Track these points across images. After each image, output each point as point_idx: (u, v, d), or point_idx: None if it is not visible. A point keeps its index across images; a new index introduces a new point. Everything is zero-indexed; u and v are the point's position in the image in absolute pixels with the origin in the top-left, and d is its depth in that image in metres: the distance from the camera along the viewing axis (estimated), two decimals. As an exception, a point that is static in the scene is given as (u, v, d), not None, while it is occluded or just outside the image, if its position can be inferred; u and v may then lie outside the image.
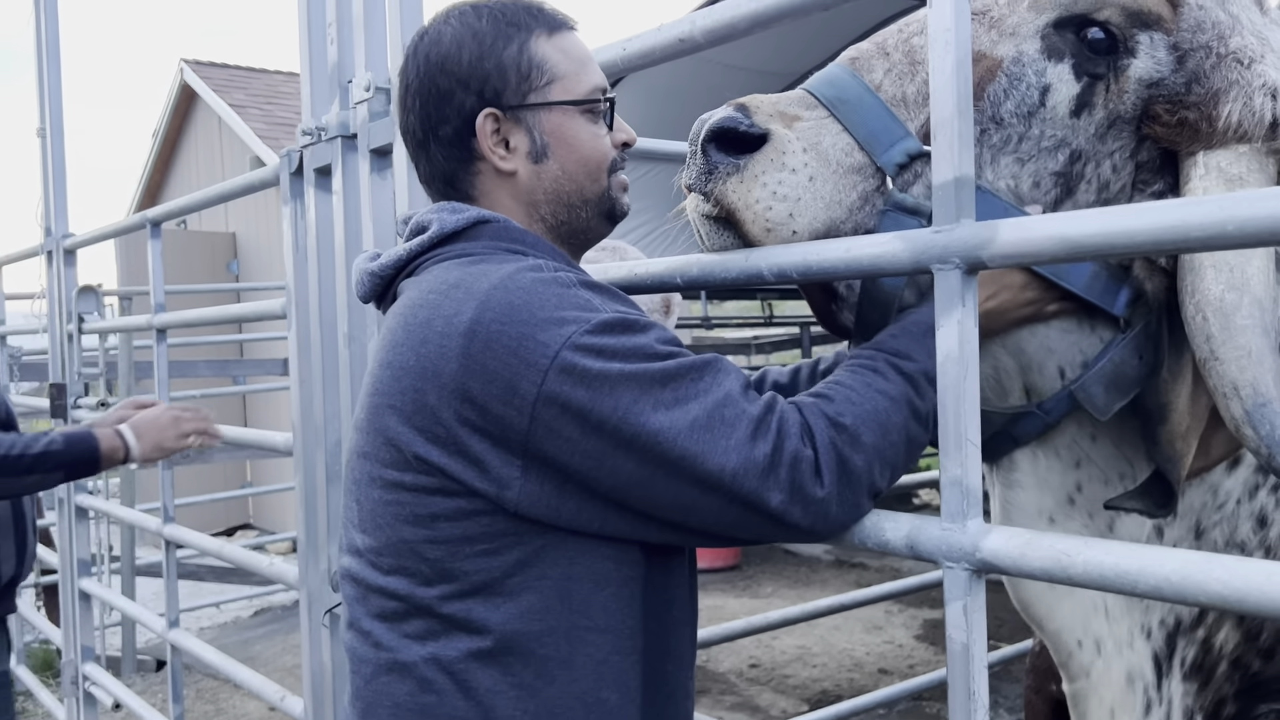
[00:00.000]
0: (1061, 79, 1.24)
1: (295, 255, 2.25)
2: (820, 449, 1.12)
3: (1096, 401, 1.26)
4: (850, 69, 1.26)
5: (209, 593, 6.95)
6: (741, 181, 1.21)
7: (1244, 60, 1.20)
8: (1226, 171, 1.17)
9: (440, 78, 1.26)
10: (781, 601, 6.54)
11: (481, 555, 1.14)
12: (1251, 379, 1.08)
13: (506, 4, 1.29)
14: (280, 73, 11.68)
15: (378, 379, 1.21)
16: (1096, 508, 1.34)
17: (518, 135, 1.27)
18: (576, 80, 1.28)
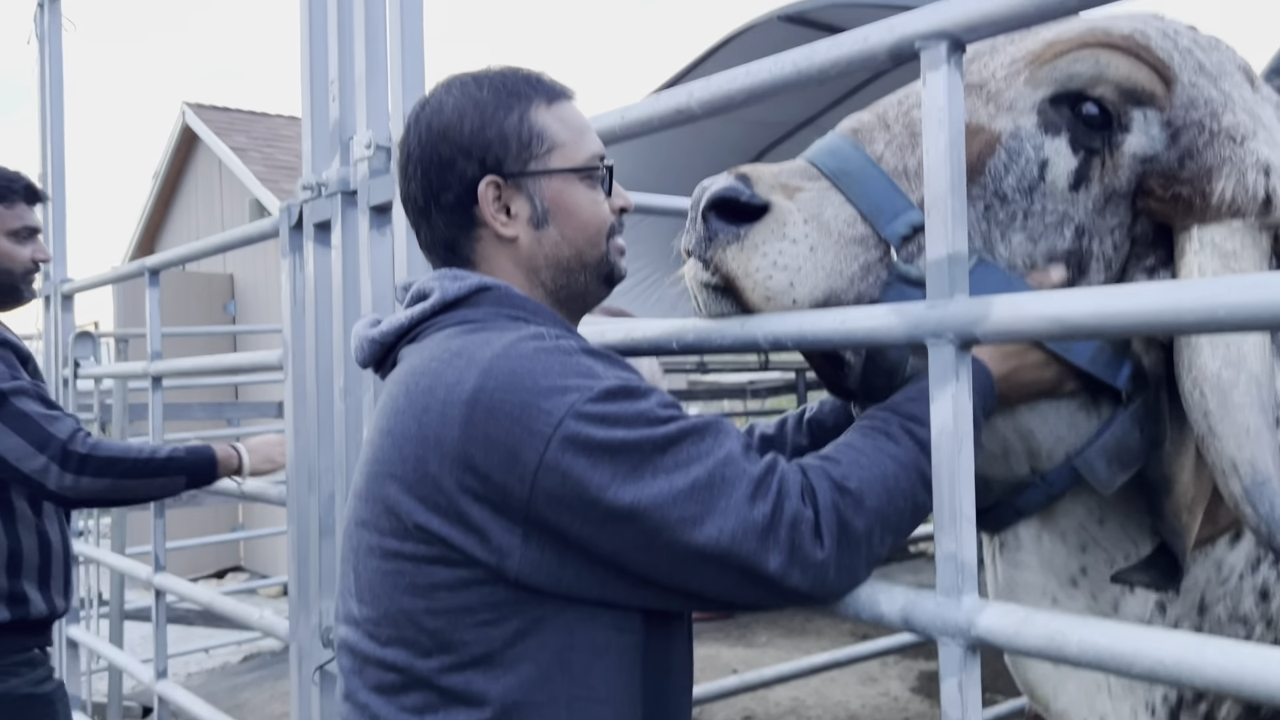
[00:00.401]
0: (1059, 153, 1.25)
1: (293, 308, 2.26)
2: (822, 510, 1.12)
3: (1099, 475, 1.26)
4: (852, 140, 1.28)
5: (198, 637, 6.87)
6: (741, 250, 1.21)
7: (1236, 137, 1.21)
8: (1221, 247, 1.18)
9: (442, 146, 1.28)
10: (776, 651, 6.49)
11: (482, 625, 1.14)
12: (1250, 457, 1.09)
13: (506, 74, 1.32)
14: (281, 116, 11.78)
15: (378, 447, 1.21)
16: (1100, 588, 1.33)
17: (519, 202, 1.28)
18: (576, 148, 1.30)
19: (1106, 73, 1.23)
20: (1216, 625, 1.36)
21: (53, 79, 3.95)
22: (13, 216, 2.46)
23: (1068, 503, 1.33)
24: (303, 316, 2.24)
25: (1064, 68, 1.25)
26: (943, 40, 1.07)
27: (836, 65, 1.18)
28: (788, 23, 6.04)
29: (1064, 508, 1.34)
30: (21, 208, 2.48)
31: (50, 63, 3.97)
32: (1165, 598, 1.33)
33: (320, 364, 2.18)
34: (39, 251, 2.50)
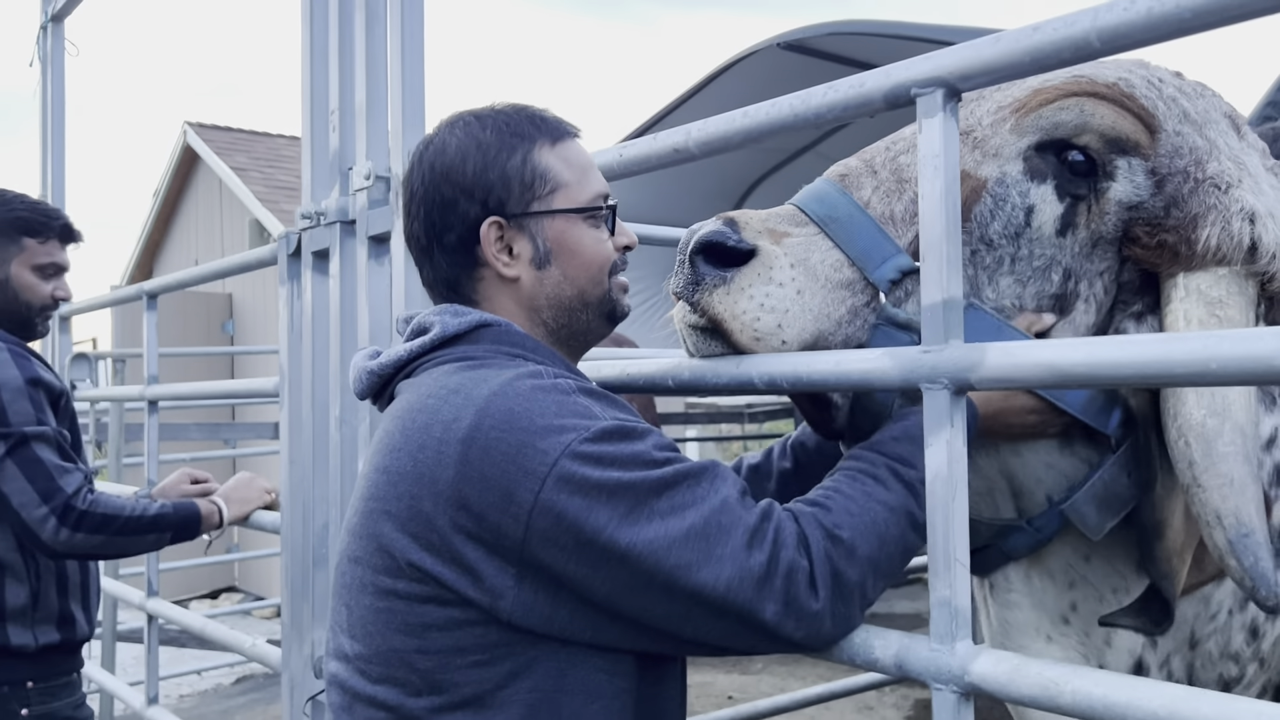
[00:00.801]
0: (1045, 199, 1.26)
1: (290, 336, 2.26)
2: (816, 561, 1.12)
3: (1089, 521, 1.26)
4: (839, 186, 1.29)
5: (190, 659, 6.83)
6: (728, 294, 1.23)
7: (1221, 185, 1.22)
8: (1207, 294, 1.19)
9: (445, 186, 1.28)
10: (771, 678, 6.46)
11: (473, 666, 1.13)
12: (1234, 508, 1.09)
13: (510, 113, 1.32)
14: (283, 136, 11.81)
15: (373, 484, 1.21)
16: (1091, 625, 1.33)
17: (521, 242, 1.28)
18: (579, 188, 1.31)
19: (1091, 122, 1.24)
20: (1208, 662, 1.36)
21: (54, 100, 3.97)
22: (43, 252, 2.46)
23: (1055, 543, 1.34)
24: (299, 345, 2.24)
25: (1049, 116, 1.26)
26: (939, 88, 1.08)
27: (833, 110, 1.19)
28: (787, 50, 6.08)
29: (1051, 547, 1.34)
30: (54, 245, 2.48)
31: (52, 84, 3.99)
32: None
33: (316, 392, 2.18)
34: (61, 289, 2.50)
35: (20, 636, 2.25)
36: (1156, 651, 1.34)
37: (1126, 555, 1.32)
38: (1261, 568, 1.06)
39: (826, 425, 1.33)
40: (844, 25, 5.74)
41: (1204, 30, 0.90)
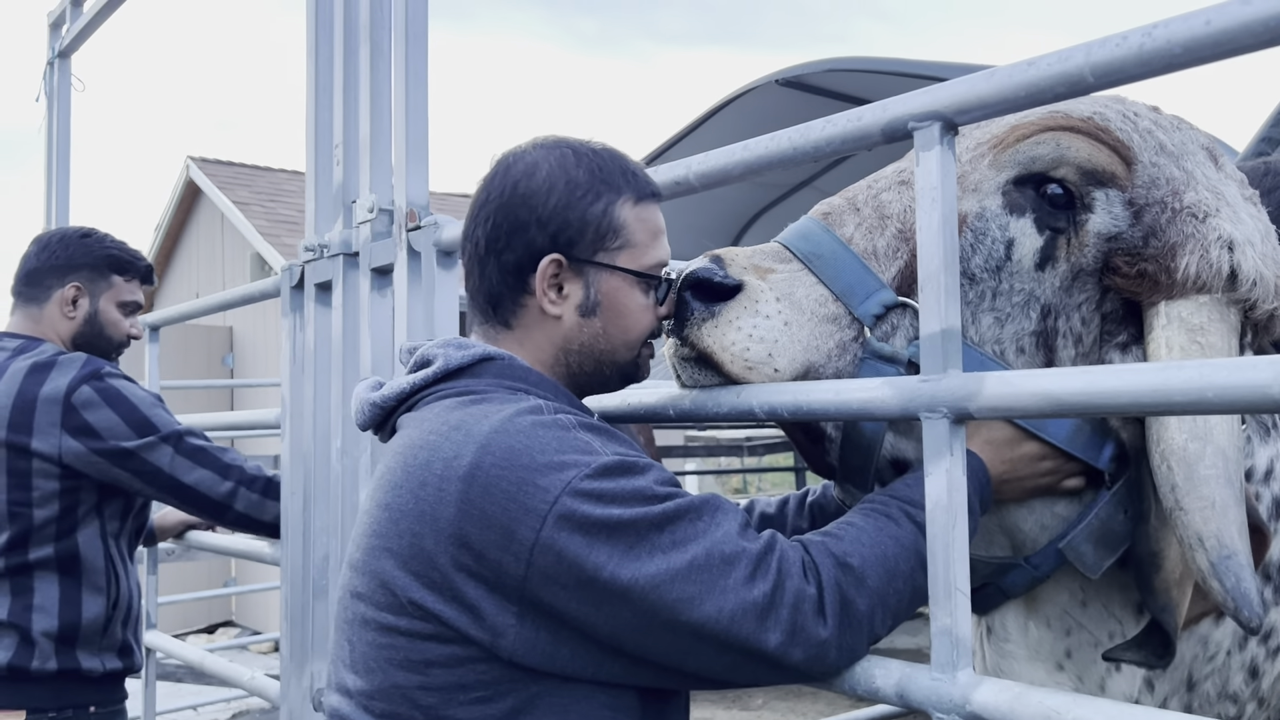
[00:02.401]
0: (1024, 233, 1.28)
1: (292, 368, 2.27)
2: (825, 587, 1.12)
3: (1086, 560, 1.26)
4: (823, 224, 1.32)
5: (187, 694, 6.77)
6: (716, 326, 1.26)
7: (1199, 214, 1.24)
8: (1188, 321, 1.20)
9: (523, 210, 1.28)
10: (772, 714, 6.40)
11: (475, 703, 1.13)
12: (1216, 530, 1.09)
13: (606, 158, 1.32)
14: (284, 171, 11.89)
15: (375, 520, 1.21)
16: (1085, 670, 1.33)
17: (574, 285, 1.29)
18: (645, 252, 1.31)
19: (1067, 155, 1.27)
20: (1206, 703, 1.35)
21: (60, 135, 4.00)
22: (128, 290, 2.53)
23: (1051, 587, 1.33)
24: (302, 376, 2.25)
25: (1026, 151, 1.28)
26: (936, 121, 1.10)
27: (831, 143, 1.21)
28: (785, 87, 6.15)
29: (1047, 593, 1.34)
30: (135, 284, 2.56)
31: (58, 119, 4.02)
32: (1153, 675, 1.33)
33: (318, 424, 2.19)
34: (135, 328, 2.59)
35: (89, 661, 2.31)
36: (1154, 695, 1.33)
37: (1123, 599, 1.32)
38: (1244, 589, 1.07)
39: (819, 459, 1.34)
40: (842, 62, 5.81)
41: (1194, 65, 0.92)
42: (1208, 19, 0.89)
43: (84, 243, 2.49)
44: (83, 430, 2.25)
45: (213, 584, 8.63)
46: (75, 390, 2.26)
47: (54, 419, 2.24)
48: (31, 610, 2.24)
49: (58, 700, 2.25)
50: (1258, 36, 0.86)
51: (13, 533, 2.24)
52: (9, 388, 2.27)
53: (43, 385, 2.27)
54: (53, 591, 2.27)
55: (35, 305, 2.45)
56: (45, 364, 2.31)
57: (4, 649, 2.22)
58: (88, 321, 2.46)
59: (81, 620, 2.29)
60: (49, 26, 3.90)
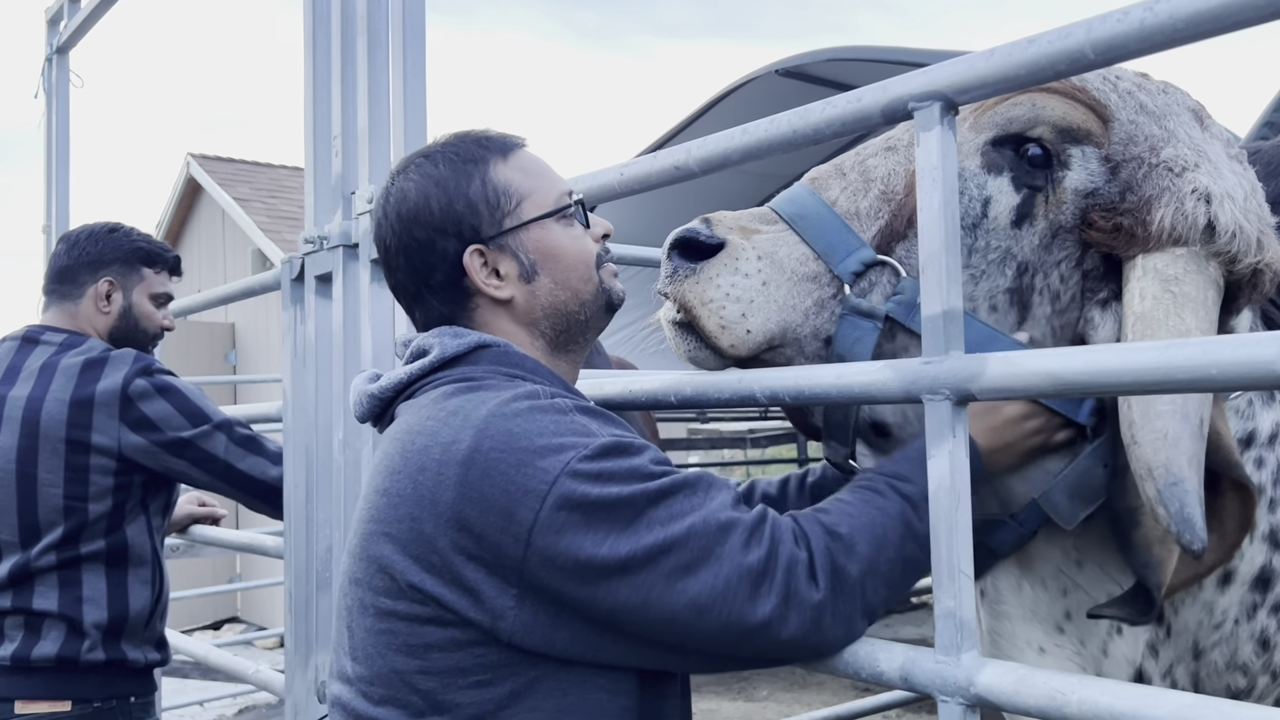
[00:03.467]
0: (1001, 191, 1.29)
1: (294, 360, 2.27)
2: (815, 552, 1.13)
3: (1060, 510, 1.26)
4: (810, 188, 1.35)
5: (193, 690, 6.79)
6: (697, 283, 1.28)
7: (1175, 169, 1.24)
8: (1163, 272, 1.20)
9: (417, 230, 1.30)
10: (777, 705, 6.41)
11: (475, 687, 1.13)
12: (1165, 460, 1.10)
13: (456, 142, 1.34)
14: (285, 167, 11.89)
15: (374, 505, 1.21)
16: (1088, 633, 1.33)
17: (505, 261, 1.30)
18: (543, 193, 1.33)
19: (1042, 114, 1.28)
20: (1214, 672, 1.35)
21: (59, 132, 4.00)
22: (158, 282, 2.57)
23: (1043, 545, 1.34)
24: (303, 369, 2.25)
25: (1003, 113, 1.29)
26: (936, 101, 1.09)
27: (831, 125, 1.20)
28: (785, 77, 6.13)
29: (1041, 552, 1.34)
30: (165, 275, 2.59)
31: (57, 116, 4.01)
32: (1157, 640, 1.33)
33: (320, 416, 2.18)
34: (168, 319, 2.61)
35: (133, 653, 2.35)
36: (1158, 660, 1.33)
37: (1120, 561, 1.31)
38: (1187, 514, 1.07)
39: (804, 420, 1.38)
40: (842, 51, 5.80)
41: (1196, 40, 0.91)
42: (1209, -7, 0.88)
43: (113, 237, 2.51)
44: (141, 423, 2.30)
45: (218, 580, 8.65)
46: (130, 384, 2.31)
47: (113, 413, 2.28)
48: (81, 602, 2.28)
49: (103, 691, 2.29)
50: (1260, 10, 0.85)
51: (67, 528, 2.27)
52: (65, 384, 2.30)
53: (99, 381, 2.31)
54: (100, 584, 2.31)
55: (70, 301, 2.48)
56: (98, 360, 2.35)
57: (52, 640, 2.25)
58: (122, 315, 2.49)
59: (129, 612, 2.33)
60: (46, 23, 3.90)
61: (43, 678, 2.24)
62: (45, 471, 2.26)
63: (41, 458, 2.26)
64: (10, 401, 2.31)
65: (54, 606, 2.25)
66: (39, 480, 2.26)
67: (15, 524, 2.27)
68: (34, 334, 2.43)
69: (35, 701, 2.22)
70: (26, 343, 2.42)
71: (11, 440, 2.28)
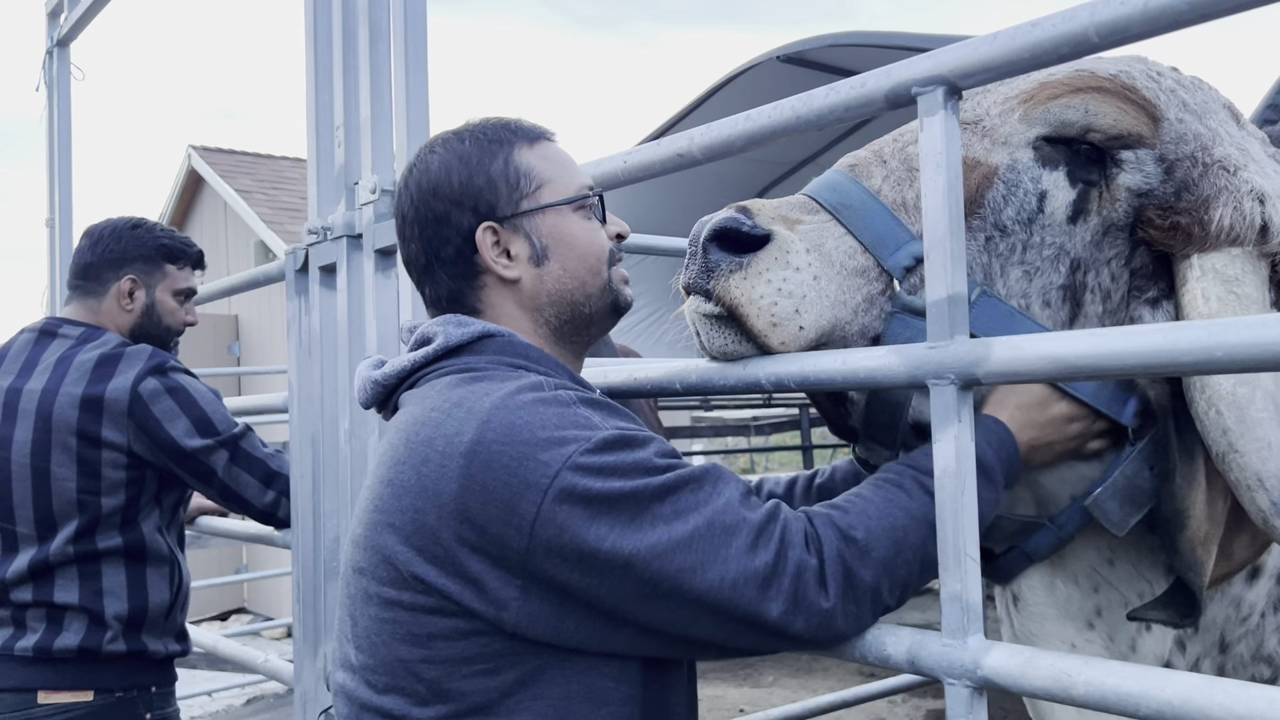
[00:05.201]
0: (1058, 185, 1.27)
1: (298, 351, 2.27)
2: (827, 559, 1.12)
3: (1111, 516, 1.25)
4: (850, 175, 1.29)
5: (202, 680, 6.82)
6: (745, 278, 1.20)
7: (1230, 168, 1.23)
8: (1223, 273, 1.19)
9: (435, 202, 1.30)
10: (783, 691, 6.43)
11: (479, 675, 1.13)
12: (1275, 470, 1.09)
13: (485, 124, 1.35)
14: (286, 158, 11.87)
15: (378, 496, 1.21)
16: (1116, 629, 1.32)
17: (517, 242, 1.30)
18: (564, 182, 1.33)
19: (1095, 122, 1.26)
20: (1240, 665, 1.35)
21: (61, 125, 4.00)
22: (182, 277, 2.55)
23: (1078, 546, 1.32)
24: (308, 359, 2.25)
25: (1056, 113, 1.27)
26: (939, 86, 1.09)
27: (835, 110, 1.20)
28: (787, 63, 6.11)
29: (1074, 551, 1.33)
30: (189, 271, 2.58)
31: (59, 109, 4.01)
32: (1184, 635, 1.32)
33: (326, 407, 2.19)
34: (191, 314, 2.61)
35: (154, 644, 2.37)
36: (1185, 655, 1.33)
37: (1152, 560, 1.31)
38: None
39: (841, 421, 1.33)
40: (844, 37, 5.77)
41: (1201, 22, 0.91)
42: (1213, -26, 0.88)
43: (135, 234, 2.51)
44: (149, 423, 2.30)
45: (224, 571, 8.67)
46: (142, 382, 2.31)
47: (123, 409, 2.29)
48: (102, 594, 2.30)
49: (125, 681, 2.32)
50: (1264, -9, 0.85)
51: (82, 521, 2.28)
52: (78, 378, 2.31)
53: (111, 379, 2.31)
54: (120, 577, 2.33)
55: (94, 298, 2.48)
56: (112, 356, 2.35)
57: (74, 632, 2.27)
58: (145, 313, 2.50)
59: (149, 605, 2.35)
60: (47, 15, 3.89)
61: (65, 668, 2.25)
62: (58, 465, 2.27)
63: (54, 451, 2.27)
64: (26, 395, 2.32)
65: (75, 599, 2.27)
66: (52, 474, 2.27)
67: (31, 517, 2.29)
68: (52, 326, 2.45)
69: (58, 692, 2.24)
70: (44, 335, 2.43)
71: (26, 434, 2.29)
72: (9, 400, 2.33)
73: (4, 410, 2.32)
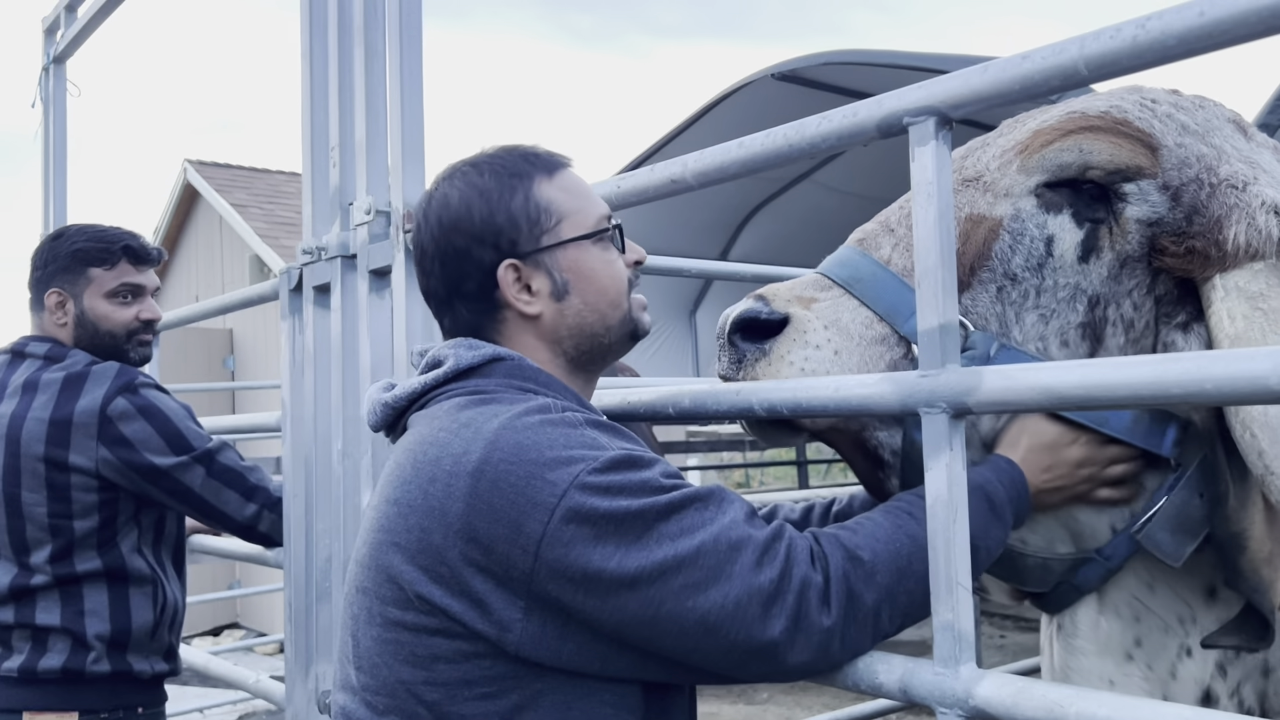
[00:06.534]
0: (1063, 228, 1.28)
1: (292, 371, 2.27)
2: (832, 578, 1.12)
3: (1165, 548, 1.24)
4: (859, 249, 1.32)
5: (192, 697, 6.78)
6: (770, 364, 1.26)
7: (1238, 185, 1.24)
8: (1246, 290, 1.19)
9: (456, 238, 1.30)
10: (777, 709, 6.41)
11: (480, 699, 1.13)
12: None
13: (504, 155, 1.35)
14: (282, 173, 11.88)
15: (384, 515, 1.21)
16: (1155, 657, 1.31)
17: (538, 278, 1.30)
18: (583, 215, 1.33)
19: (1091, 159, 1.26)
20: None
21: (56, 140, 4.00)
22: (112, 277, 2.40)
23: (1120, 574, 1.31)
24: (301, 379, 2.25)
25: (1052, 158, 1.28)
26: (931, 116, 1.10)
27: (827, 139, 1.21)
28: (781, 80, 6.15)
29: (1116, 579, 1.32)
30: (123, 267, 2.41)
31: (54, 125, 4.02)
32: (1226, 660, 1.31)
33: (319, 427, 2.19)
34: (146, 311, 2.45)
35: (140, 664, 2.34)
36: (1227, 680, 1.31)
37: (1190, 582, 1.30)
38: None
39: (879, 486, 1.33)
40: (837, 55, 5.81)
41: (1189, 57, 0.91)
42: (1201, 10, 0.89)
43: (53, 246, 2.41)
44: (118, 442, 2.24)
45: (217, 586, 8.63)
46: (110, 403, 2.25)
47: (90, 432, 2.24)
48: (84, 615, 2.27)
49: (110, 701, 2.29)
50: (1252, 27, 0.86)
51: (55, 546, 2.26)
52: (45, 401, 2.27)
53: (79, 399, 2.26)
54: (102, 598, 2.30)
55: (37, 315, 2.44)
56: (79, 376, 2.29)
57: (58, 653, 2.25)
58: (79, 324, 2.39)
59: (132, 626, 2.32)
60: (43, 32, 3.90)
61: (49, 689, 2.24)
62: (28, 490, 2.24)
63: (24, 477, 2.25)
64: None
65: (56, 621, 2.25)
66: (23, 499, 2.25)
67: (7, 541, 2.27)
68: (20, 346, 2.41)
69: (43, 713, 2.23)
70: (15, 357, 2.40)
71: None
72: None
73: None
